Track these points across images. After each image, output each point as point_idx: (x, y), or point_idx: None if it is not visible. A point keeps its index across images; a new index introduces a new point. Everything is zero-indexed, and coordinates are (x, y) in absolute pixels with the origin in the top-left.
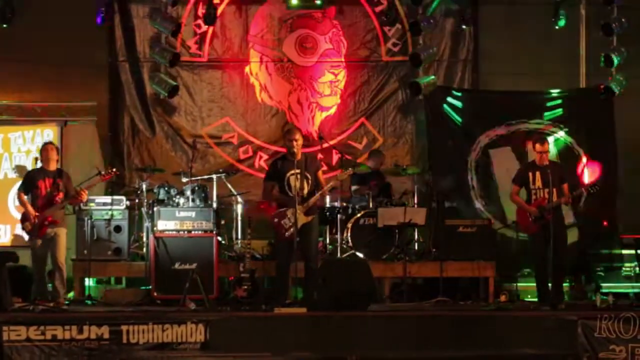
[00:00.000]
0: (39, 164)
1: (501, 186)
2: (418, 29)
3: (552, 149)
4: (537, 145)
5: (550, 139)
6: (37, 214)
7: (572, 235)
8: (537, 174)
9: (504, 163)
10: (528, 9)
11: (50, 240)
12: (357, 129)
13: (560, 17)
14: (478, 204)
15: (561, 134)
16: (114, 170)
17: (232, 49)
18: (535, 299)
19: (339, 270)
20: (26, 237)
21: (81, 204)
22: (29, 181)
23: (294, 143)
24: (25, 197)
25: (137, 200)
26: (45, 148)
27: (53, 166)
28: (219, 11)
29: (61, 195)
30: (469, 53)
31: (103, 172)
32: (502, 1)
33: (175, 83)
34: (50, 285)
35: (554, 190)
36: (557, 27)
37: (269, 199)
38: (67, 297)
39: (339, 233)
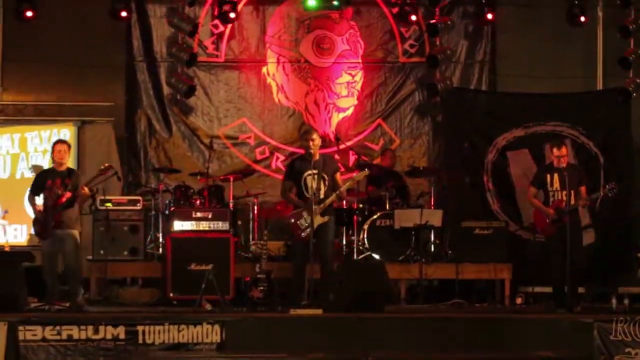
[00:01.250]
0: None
1: (518, 188)
2: (435, 30)
3: (570, 152)
4: (555, 150)
5: (568, 142)
6: (44, 214)
7: (589, 237)
8: (555, 176)
9: (521, 165)
10: (545, 11)
11: (60, 242)
12: (374, 130)
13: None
14: (494, 206)
15: (579, 136)
16: (107, 164)
17: (249, 49)
18: (551, 302)
19: (355, 271)
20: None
21: (97, 204)
22: (38, 182)
23: (311, 144)
24: (35, 199)
25: (153, 201)
26: (53, 148)
27: (63, 166)
28: (236, 12)
29: (68, 195)
30: (486, 55)
31: (107, 170)
32: (520, 3)
33: (192, 83)
34: (64, 286)
35: (572, 192)
36: (573, 29)
37: (286, 200)
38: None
39: (355, 234)
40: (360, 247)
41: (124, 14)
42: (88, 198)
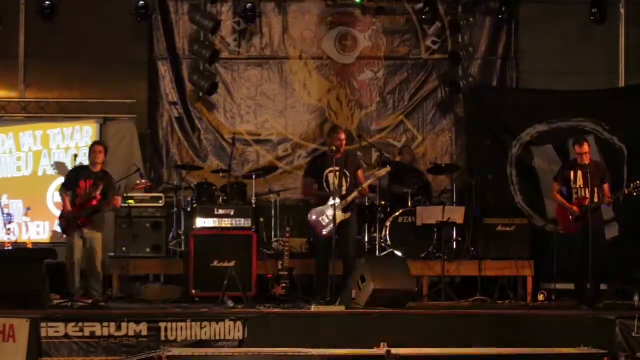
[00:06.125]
0: (78, 161)
1: (543, 182)
2: (457, 27)
3: (594, 147)
4: (576, 147)
5: (591, 137)
6: (72, 212)
7: (613, 231)
8: (579, 173)
9: (545, 160)
10: (567, 8)
11: (86, 241)
12: (397, 127)
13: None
14: (518, 200)
15: (602, 132)
16: (148, 182)
17: (272, 46)
18: (574, 299)
19: (377, 268)
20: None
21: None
22: (72, 179)
23: (342, 143)
24: (66, 194)
25: (175, 198)
26: (92, 150)
27: (98, 167)
28: (258, 9)
29: (99, 197)
30: (509, 51)
31: (138, 182)
32: None
33: (214, 80)
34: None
35: (595, 189)
36: (596, 26)
37: (308, 196)
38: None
39: (377, 231)
40: (383, 244)
41: (146, 11)
42: (117, 207)
